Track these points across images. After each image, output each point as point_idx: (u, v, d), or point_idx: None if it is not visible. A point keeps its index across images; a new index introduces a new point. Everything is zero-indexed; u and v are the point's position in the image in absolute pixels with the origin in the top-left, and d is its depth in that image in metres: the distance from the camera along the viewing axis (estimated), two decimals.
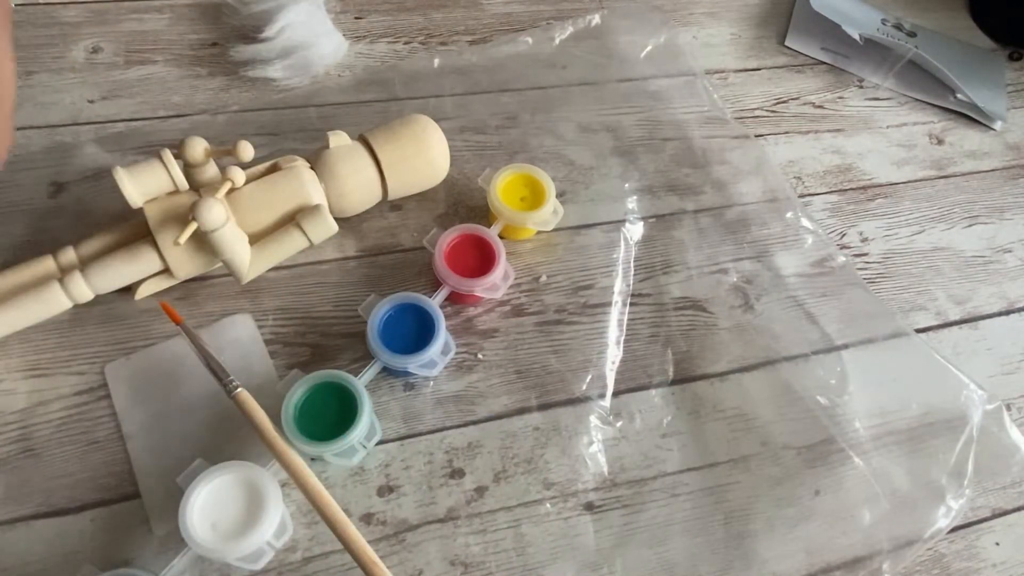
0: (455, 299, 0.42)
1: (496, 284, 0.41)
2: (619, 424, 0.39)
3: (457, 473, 0.37)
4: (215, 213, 0.34)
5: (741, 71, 0.58)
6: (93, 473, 0.34)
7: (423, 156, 0.42)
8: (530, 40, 0.55)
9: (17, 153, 0.44)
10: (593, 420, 0.39)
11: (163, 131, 0.46)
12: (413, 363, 0.37)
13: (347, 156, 0.40)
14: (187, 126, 0.47)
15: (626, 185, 0.49)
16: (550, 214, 0.43)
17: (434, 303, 0.39)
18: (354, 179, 0.40)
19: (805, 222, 0.48)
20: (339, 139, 0.40)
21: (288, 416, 0.34)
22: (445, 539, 0.35)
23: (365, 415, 0.34)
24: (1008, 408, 0.42)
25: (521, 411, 0.39)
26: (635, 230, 0.47)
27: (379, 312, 0.38)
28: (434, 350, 0.37)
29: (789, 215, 0.48)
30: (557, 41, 0.55)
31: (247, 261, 0.37)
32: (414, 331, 0.38)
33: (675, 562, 0.35)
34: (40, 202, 0.42)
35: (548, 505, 0.36)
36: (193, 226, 0.34)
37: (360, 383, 0.35)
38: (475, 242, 0.42)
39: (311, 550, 0.34)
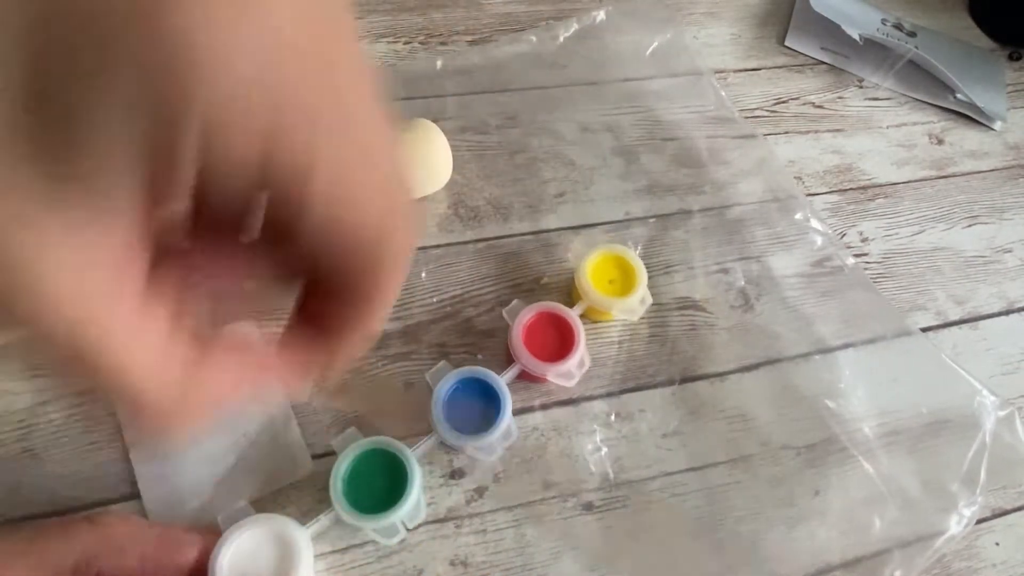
0: (524, 376, 0.39)
1: (571, 372, 0.38)
2: (619, 424, 0.39)
3: (457, 473, 0.37)
4: None
5: (741, 71, 0.58)
6: (93, 473, 0.34)
7: (425, 166, 0.42)
8: (534, 39, 0.55)
9: None
10: (593, 420, 0.39)
11: None
12: (472, 445, 0.35)
13: None
14: None
15: (627, 185, 0.49)
16: (637, 303, 0.41)
17: (503, 382, 0.37)
18: None
19: (806, 222, 0.48)
20: None
21: (337, 483, 0.33)
22: (445, 539, 0.35)
23: (414, 493, 0.33)
24: None
25: (521, 411, 0.39)
26: (636, 230, 0.47)
27: (446, 384, 0.36)
28: (496, 435, 0.36)
29: (790, 215, 0.48)
30: (561, 39, 0.55)
31: None
32: (478, 408, 0.36)
33: (676, 562, 0.35)
34: None
35: (548, 505, 0.36)
36: None
37: (414, 456, 0.34)
38: (555, 321, 0.39)
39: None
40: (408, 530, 0.34)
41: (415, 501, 0.34)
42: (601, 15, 0.57)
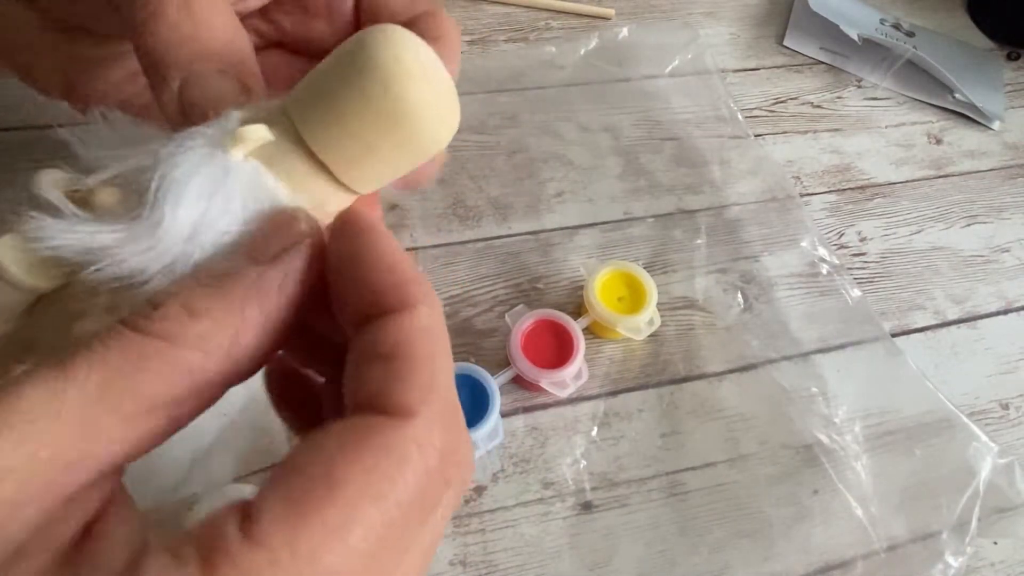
0: (518, 380, 0.39)
1: (566, 382, 0.38)
2: (618, 424, 0.39)
3: None
4: None
5: (740, 71, 0.58)
6: None
7: (400, 141, 0.19)
8: (553, 49, 0.54)
9: (16, 153, 0.44)
10: (592, 420, 0.39)
11: None
12: None
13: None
14: None
15: (626, 185, 0.49)
16: (645, 323, 0.41)
17: (495, 383, 0.37)
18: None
19: (805, 222, 0.48)
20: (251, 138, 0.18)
21: None
22: (444, 539, 0.35)
23: None
24: (1006, 407, 0.43)
25: (520, 410, 0.39)
26: (635, 230, 0.47)
27: None
28: (480, 433, 0.36)
29: (789, 215, 0.48)
30: (582, 52, 0.55)
31: None
32: (466, 405, 0.36)
33: (674, 562, 0.36)
34: None
35: (547, 505, 0.36)
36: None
37: None
38: (556, 330, 0.39)
39: None
40: None
41: None
42: (624, 32, 0.56)
